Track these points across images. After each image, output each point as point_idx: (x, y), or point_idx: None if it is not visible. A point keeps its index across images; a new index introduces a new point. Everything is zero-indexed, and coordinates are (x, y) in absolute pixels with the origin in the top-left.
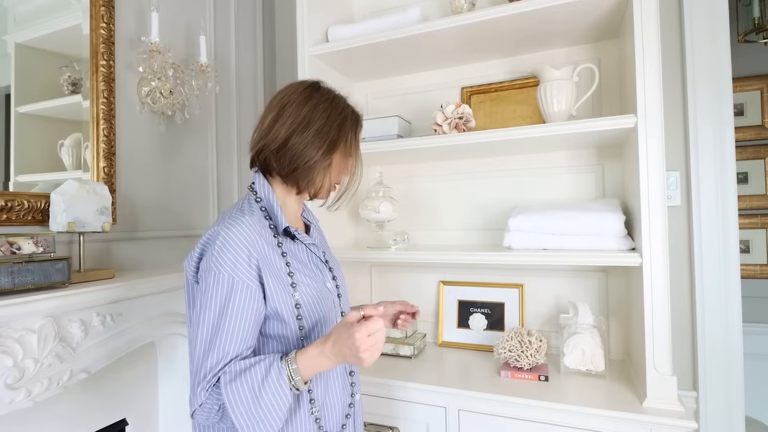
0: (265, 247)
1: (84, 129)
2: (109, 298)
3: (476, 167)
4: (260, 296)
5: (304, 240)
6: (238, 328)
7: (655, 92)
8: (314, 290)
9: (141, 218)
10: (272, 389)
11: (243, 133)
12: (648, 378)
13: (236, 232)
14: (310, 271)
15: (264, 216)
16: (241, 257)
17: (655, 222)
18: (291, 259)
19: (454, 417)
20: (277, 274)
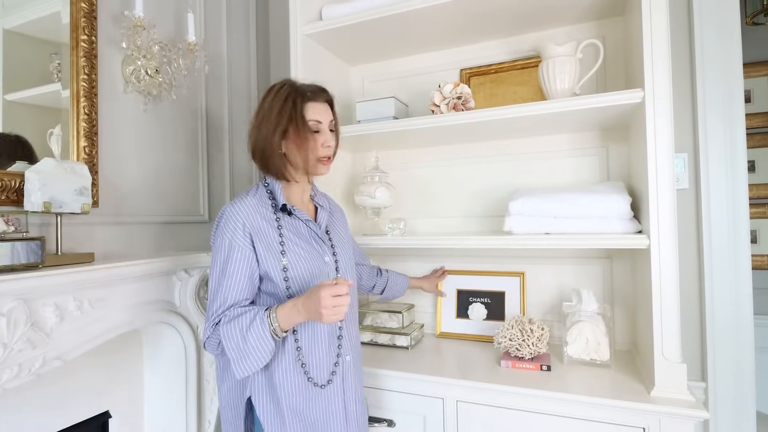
0: (259, 220)
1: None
2: (88, 281)
3: (476, 152)
4: (253, 258)
5: (301, 216)
6: (235, 282)
7: (663, 65)
8: (305, 259)
9: (126, 202)
10: (256, 331)
11: (235, 116)
12: (656, 365)
13: (236, 209)
14: (306, 244)
15: (268, 197)
16: (238, 227)
17: (663, 201)
18: (286, 232)
19: (452, 408)
20: (267, 242)
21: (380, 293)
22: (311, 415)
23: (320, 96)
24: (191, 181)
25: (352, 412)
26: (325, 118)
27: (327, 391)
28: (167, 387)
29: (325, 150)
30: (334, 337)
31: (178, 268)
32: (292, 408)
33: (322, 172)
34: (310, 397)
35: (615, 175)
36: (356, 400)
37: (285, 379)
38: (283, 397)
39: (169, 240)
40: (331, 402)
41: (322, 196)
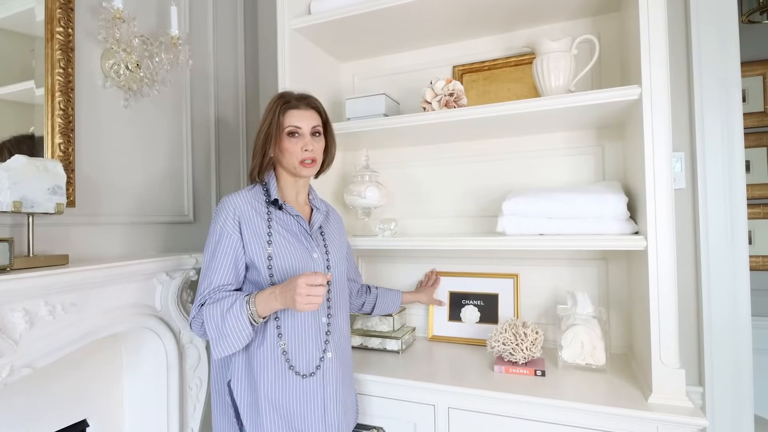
0: (249, 210)
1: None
2: (60, 285)
3: (468, 151)
4: (240, 245)
5: (290, 212)
6: (221, 265)
7: (661, 60)
8: (291, 252)
9: (106, 201)
10: (235, 314)
11: (222, 114)
12: (654, 371)
13: (230, 198)
14: (294, 238)
15: (263, 193)
16: (229, 215)
17: (661, 201)
18: (275, 224)
19: (443, 415)
20: (255, 230)
21: (370, 312)
22: (288, 404)
23: (302, 103)
24: (175, 180)
25: (333, 413)
26: (305, 123)
27: (307, 383)
28: (148, 394)
29: (305, 154)
30: (321, 332)
31: (159, 270)
32: (267, 396)
33: (305, 174)
34: (289, 386)
35: (611, 175)
36: (338, 402)
37: (263, 365)
38: (261, 384)
39: (151, 241)
40: (310, 395)
41: (321, 201)
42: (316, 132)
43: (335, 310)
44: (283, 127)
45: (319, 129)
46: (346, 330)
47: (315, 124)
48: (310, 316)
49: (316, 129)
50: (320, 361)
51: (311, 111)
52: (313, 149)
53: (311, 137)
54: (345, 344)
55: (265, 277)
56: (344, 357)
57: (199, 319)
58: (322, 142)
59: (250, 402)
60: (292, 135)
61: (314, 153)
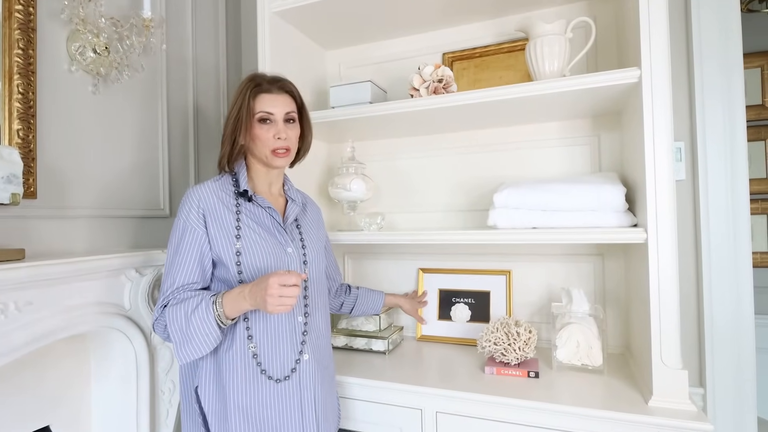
0: (215, 202)
1: None
2: (13, 281)
3: (459, 142)
4: (205, 241)
5: (261, 204)
6: (185, 263)
7: (662, 41)
8: (262, 246)
9: (71, 193)
10: (200, 316)
11: (201, 102)
12: (654, 372)
13: (194, 190)
14: (266, 232)
15: (232, 183)
16: (192, 208)
17: (662, 190)
18: (245, 218)
19: (431, 420)
20: (222, 224)
21: (349, 312)
22: (261, 412)
23: (274, 86)
24: (150, 172)
25: (311, 419)
26: (278, 109)
27: (282, 387)
28: (117, 399)
29: (278, 142)
30: (298, 333)
31: (127, 266)
32: (237, 403)
33: (277, 164)
34: (262, 393)
35: (607, 166)
36: (316, 406)
37: (232, 371)
38: (229, 390)
39: (122, 236)
40: (285, 400)
41: (297, 192)
42: (290, 119)
43: (313, 308)
44: (253, 113)
45: (293, 115)
46: (325, 329)
47: (289, 110)
48: (285, 316)
49: (290, 115)
50: (296, 363)
51: (284, 95)
52: (287, 137)
53: (285, 124)
54: (324, 344)
55: (233, 274)
56: (323, 358)
57: (162, 321)
58: (296, 129)
59: (219, 410)
60: (263, 121)
61: (288, 141)
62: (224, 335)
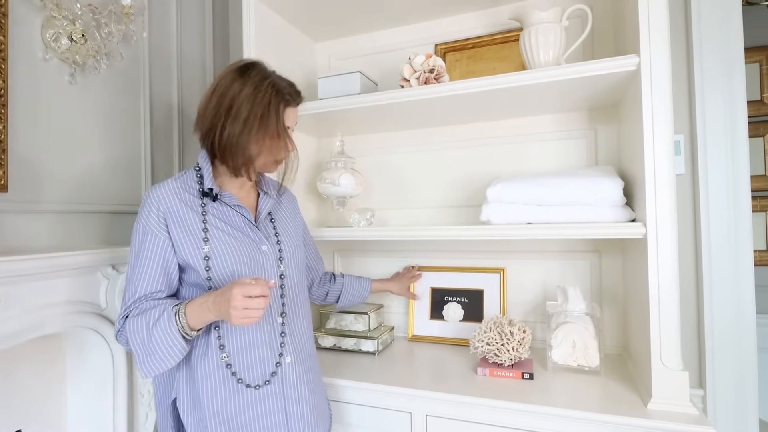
0: (177, 204)
1: None
2: None
3: (452, 136)
4: (168, 246)
5: (229, 202)
6: (146, 271)
7: (661, 27)
8: (233, 247)
9: (46, 187)
10: (162, 327)
11: (187, 96)
12: (654, 374)
13: (153, 192)
14: (237, 231)
15: (197, 181)
16: (152, 211)
17: (661, 183)
18: (212, 218)
19: (420, 424)
20: (187, 228)
21: (335, 301)
22: (243, 419)
23: (296, 100)
24: (131, 166)
25: (297, 423)
26: (294, 122)
27: (263, 393)
28: (94, 402)
29: (286, 153)
30: (276, 335)
31: (104, 263)
32: (215, 411)
33: (272, 170)
34: (242, 400)
35: (604, 160)
36: (302, 410)
37: (207, 380)
38: (206, 400)
39: (101, 232)
40: (269, 406)
41: (269, 182)
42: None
43: (291, 307)
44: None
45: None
46: (306, 328)
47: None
48: (265, 329)
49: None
50: (276, 367)
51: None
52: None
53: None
54: (307, 344)
55: (203, 279)
56: (307, 359)
57: (125, 333)
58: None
59: (197, 421)
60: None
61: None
62: (196, 343)
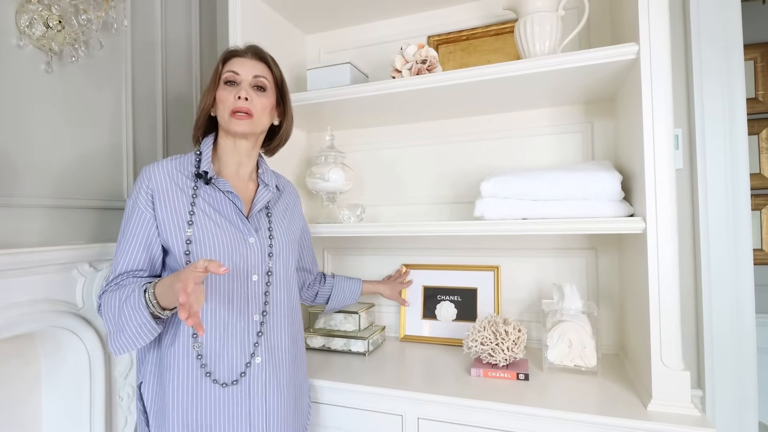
0: (167, 183)
1: None
2: None
3: (445, 130)
4: (152, 224)
5: (222, 187)
6: (129, 248)
7: (661, 14)
8: (216, 236)
9: (22, 181)
10: (132, 305)
11: (172, 86)
12: (654, 374)
13: (146, 169)
14: (223, 219)
15: (194, 164)
16: (142, 189)
17: (661, 176)
18: (201, 202)
19: (412, 427)
20: (172, 208)
21: (325, 302)
22: (203, 419)
23: (246, 51)
24: (113, 159)
25: (260, 427)
26: (245, 70)
27: (229, 392)
28: (69, 405)
29: (238, 102)
30: (251, 333)
31: (80, 260)
32: (176, 405)
33: (237, 129)
34: (205, 397)
35: (601, 154)
36: (268, 415)
37: (174, 368)
38: (169, 390)
39: (81, 228)
40: (232, 408)
41: (272, 175)
42: (259, 85)
43: (274, 306)
44: (221, 75)
45: (263, 81)
46: (287, 329)
47: (258, 73)
48: (238, 313)
49: (260, 81)
50: (246, 367)
51: (257, 61)
52: (251, 100)
53: (252, 89)
54: (285, 347)
55: (181, 264)
56: (282, 362)
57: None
58: (266, 98)
59: (159, 409)
60: (229, 83)
61: (251, 105)
62: (167, 328)
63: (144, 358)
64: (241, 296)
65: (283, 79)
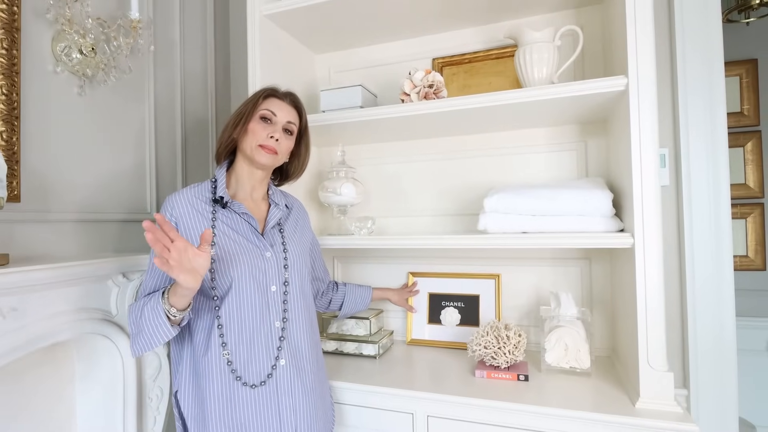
0: (188, 211)
1: None
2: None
3: (448, 147)
4: None
5: (237, 209)
6: (155, 271)
7: (648, 50)
8: (236, 252)
9: (55, 196)
10: (151, 306)
11: (188, 104)
12: (641, 375)
13: (169, 199)
14: (241, 237)
15: (211, 190)
16: (165, 216)
17: (648, 198)
18: (221, 224)
19: (422, 424)
20: (195, 231)
21: (338, 309)
22: (239, 418)
23: (285, 96)
24: (137, 175)
25: (290, 424)
26: (282, 114)
27: (259, 393)
28: (103, 406)
29: (270, 140)
30: (274, 338)
31: (114, 271)
32: (216, 410)
33: (260, 160)
34: (238, 399)
35: (594, 171)
36: (296, 412)
37: (209, 376)
38: (208, 396)
39: (108, 240)
40: (262, 406)
41: (280, 194)
42: (288, 130)
43: (293, 313)
44: (258, 109)
45: (293, 127)
46: (306, 334)
47: (291, 119)
48: (260, 321)
49: (290, 126)
50: (272, 369)
51: (293, 108)
52: (279, 141)
53: (283, 132)
54: (306, 349)
55: (207, 280)
56: (304, 363)
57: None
58: (290, 142)
59: (197, 414)
60: (264, 119)
61: (279, 145)
62: (199, 340)
63: (178, 368)
64: (262, 306)
65: (306, 126)
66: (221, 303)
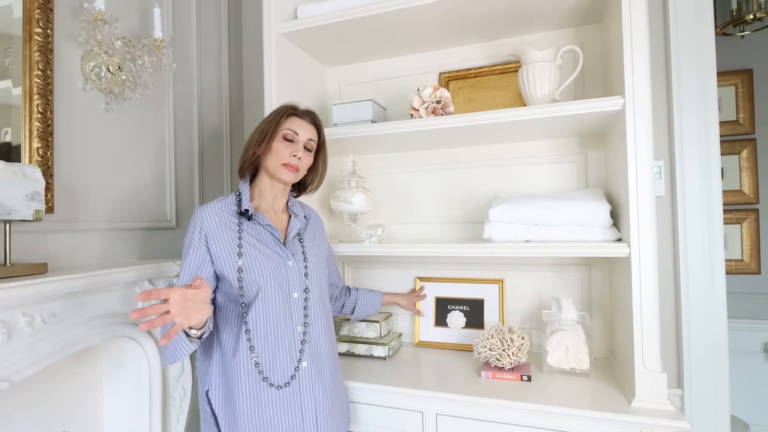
0: (216, 223)
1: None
2: (39, 295)
3: (454, 157)
4: (206, 258)
5: (261, 221)
6: (186, 277)
7: (643, 72)
8: (261, 262)
9: (85, 207)
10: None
11: (205, 117)
12: (637, 376)
13: (199, 212)
14: (266, 247)
15: (236, 203)
16: (196, 230)
17: (643, 210)
18: (246, 235)
19: (431, 422)
20: (225, 244)
21: (351, 312)
22: (265, 416)
23: (306, 114)
24: (158, 185)
25: (311, 422)
26: (303, 133)
27: (283, 393)
28: (130, 405)
29: (293, 159)
30: (296, 342)
31: (141, 278)
32: (245, 409)
33: (283, 177)
34: (265, 398)
35: (593, 182)
36: (317, 410)
37: (237, 377)
38: (237, 396)
39: (132, 247)
40: (286, 405)
41: (299, 205)
42: (309, 147)
43: (313, 318)
44: (280, 129)
45: (312, 145)
46: (325, 337)
47: (312, 137)
48: (283, 326)
49: (311, 144)
50: (295, 370)
51: (312, 126)
52: (301, 159)
53: (304, 149)
54: (325, 352)
55: (235, 289)
56: (323, 365)
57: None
58: (309, 159)
59: (227, 411)
60: (286, 139)
61: (301, 162)
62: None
63: (207, 369)
64: (285, 311)
65: (324, 142)
66: (248, 309)
